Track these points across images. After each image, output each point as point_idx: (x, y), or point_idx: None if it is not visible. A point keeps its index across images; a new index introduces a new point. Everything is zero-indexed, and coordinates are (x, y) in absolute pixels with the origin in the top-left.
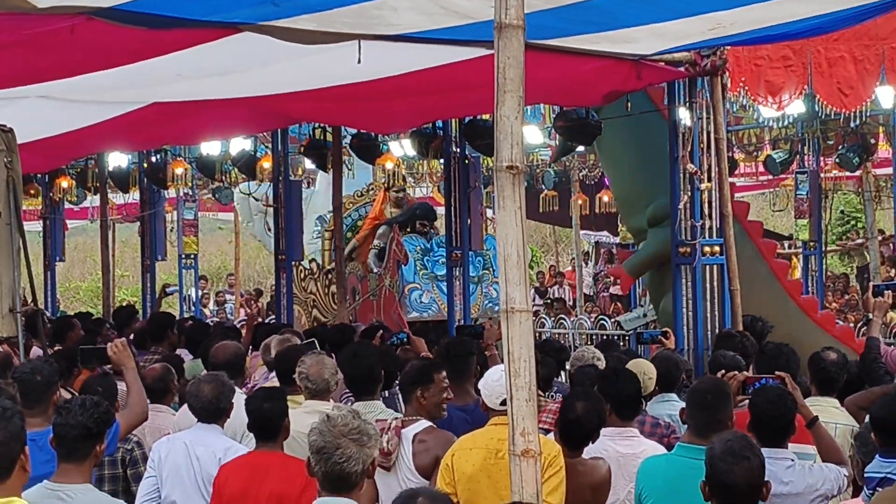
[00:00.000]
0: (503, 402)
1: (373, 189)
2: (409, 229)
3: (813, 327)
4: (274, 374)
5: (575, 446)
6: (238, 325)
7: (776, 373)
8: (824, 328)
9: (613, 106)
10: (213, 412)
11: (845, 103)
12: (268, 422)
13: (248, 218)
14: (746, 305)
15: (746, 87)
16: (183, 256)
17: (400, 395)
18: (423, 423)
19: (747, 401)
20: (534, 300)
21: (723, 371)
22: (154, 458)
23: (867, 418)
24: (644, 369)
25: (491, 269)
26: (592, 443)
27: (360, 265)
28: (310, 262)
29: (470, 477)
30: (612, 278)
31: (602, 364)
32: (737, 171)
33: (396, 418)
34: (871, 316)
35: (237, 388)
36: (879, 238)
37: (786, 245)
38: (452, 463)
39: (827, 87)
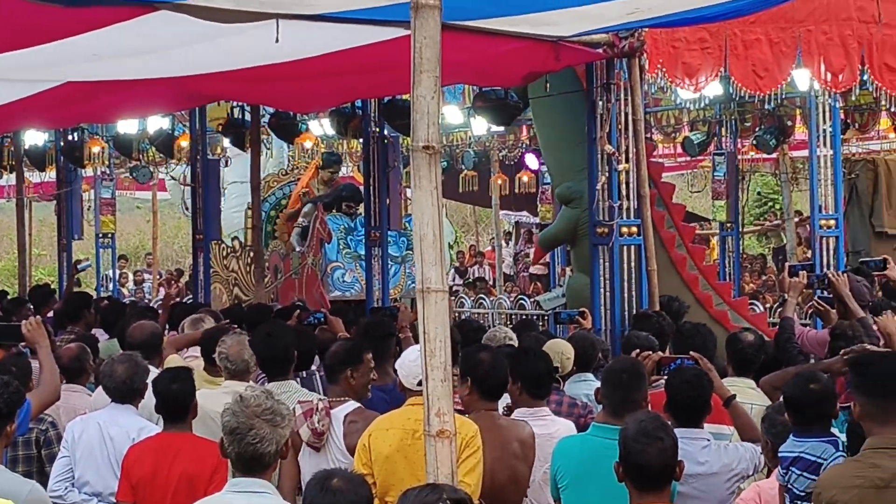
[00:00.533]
0: (420, 383)
1: (297, 168)
2: (334, 209)
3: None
4: (188, 352)
5: (493, 396)
6: (156, 305)
7: (690, 353)
8: (721, 321)
9: (553, 83)
10: (126, 392)
11: (760, 85)
12: (176, 403)
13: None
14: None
15: (664, 69)
16: (100, 235)
17: (318, 376)
18: (353, 404)
19: (662, 381)
20: (454, 280)
21: (637, 351)
22: (68, 439)
23: (780, 398)
24: (561, 349)
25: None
26: (506, 392)
27: (283, 243)
28: (232, 239)
29: (387, 457)
30: (531, 258)
31: (515, 343)
32: (655, 153)
33: (322, 399)
34: (786, 296)
35: (153, 368)
36: (796, 219)
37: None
38: (369, 443)
39: (742, 70)
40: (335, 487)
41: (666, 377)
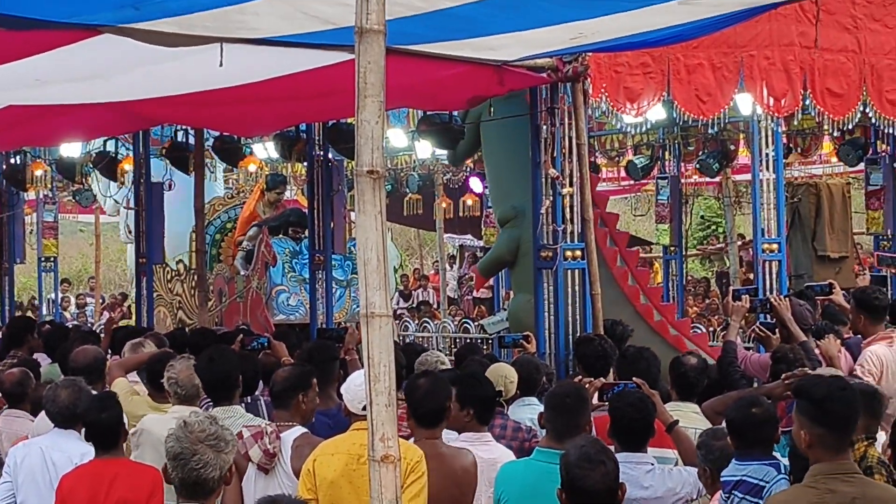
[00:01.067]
0: (365, 407)
1: (242, 192)
2: (280, 233)
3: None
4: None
5: (429, 423)
6: (98, 329)
7: (633, 379)
8: (676, 345)
9: (499, 106)
10: (69, 417)
11: (703, 110)
12: (107, 430)
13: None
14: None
15: (607, 94)
16: (42, 259)
17: (262, 401)
18: (300, 429)
19: (606, 406)
20: (398, 304)
21: (580, 377)
22: (10, 464)
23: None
24: (505, 373)
25: None
26: (447, 420)
27: (228, 267)
28: (177, 262)
29: (331, 482)
30: (475, 282)
31: (448, 367)
32: (599, 176)
33: (269, 424)
34: (729, 320)
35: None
36: (739, 243)
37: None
38: (314, 468)
39: (685, 94)
40: None
41: (607, 402)
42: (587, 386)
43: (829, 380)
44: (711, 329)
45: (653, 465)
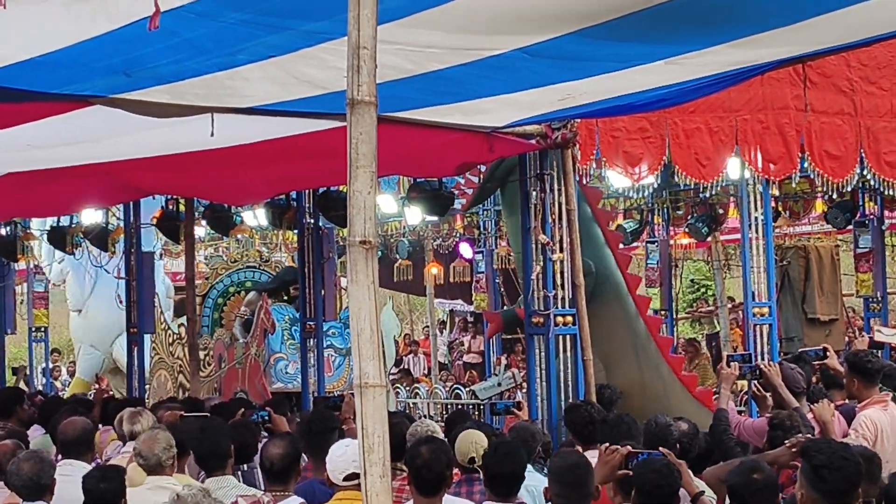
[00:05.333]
0: (346, 478)
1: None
2: (282, 296)
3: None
4: (123, 449)
5: (430, 492)
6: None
7: (659, 448)
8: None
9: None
10: (34, 489)
11: (703, 174)
12: (105, 501)
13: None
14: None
15: (605, 159)
16: (33, 329)
17: (258, 470)
18: (297, 499)
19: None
20: (389, 370)
21: (606, 445)
22: None
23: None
24: (474, 439)
25: None
26: (447, 487)
27: (229, 332)
28: (178, 326)
29: None
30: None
31: (440, 436)
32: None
33: (265, 493)
34: (720, 388)
35: (85, 465)
36: (729, 305)
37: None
38: None
39: (685, 158)
40: None
41: (631, 471)
42: (613, 454)
43: (833, 447)
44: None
45: None
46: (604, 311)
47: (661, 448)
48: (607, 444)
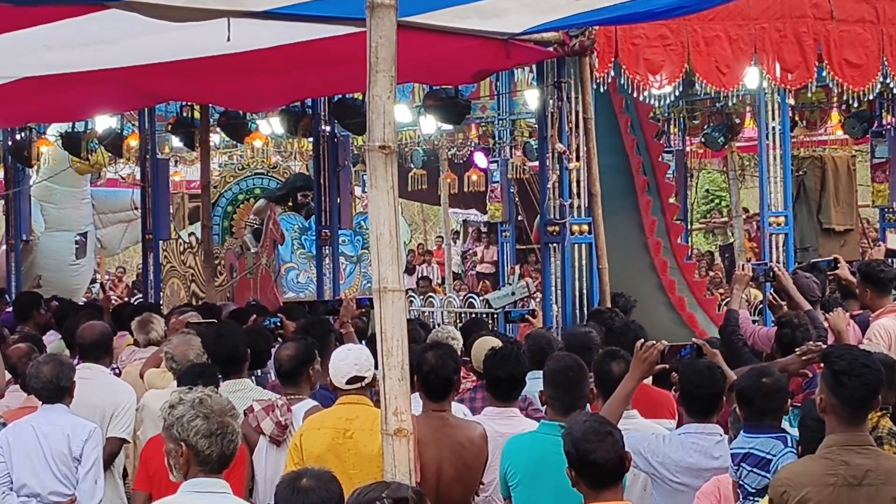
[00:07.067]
0: (349, 381)
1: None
2: (289, 203)
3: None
4: (136, 357)
5: (438, 396)
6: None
7: (693, 340)
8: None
9: None
10: (54, 392)
11: (724, 82)
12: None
13: None
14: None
15: (624, 66)
16: None
17: (272, 375)
18: (310, 402)
19: (663, 370)
20: None
21: (641, 340)
22: (2, 444)
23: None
24: (491, 345)
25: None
26: (456, 392)
27: (239, 241)
28: (189, 235)
29: (318, 456)
30: (478, 256)
31: (459, 343)
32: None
33: (279, 397)
34: (733, 289)
35: (104, 368)
36: (743, 216)
37: None
38: (301, 443)
39: (706, 66)
40: (305, 487)
41: (666, 365)
42: (650, 350)
43: (855, 353)
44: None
45: (722, 435)
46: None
47: (694, 339)
48: (642, 341)
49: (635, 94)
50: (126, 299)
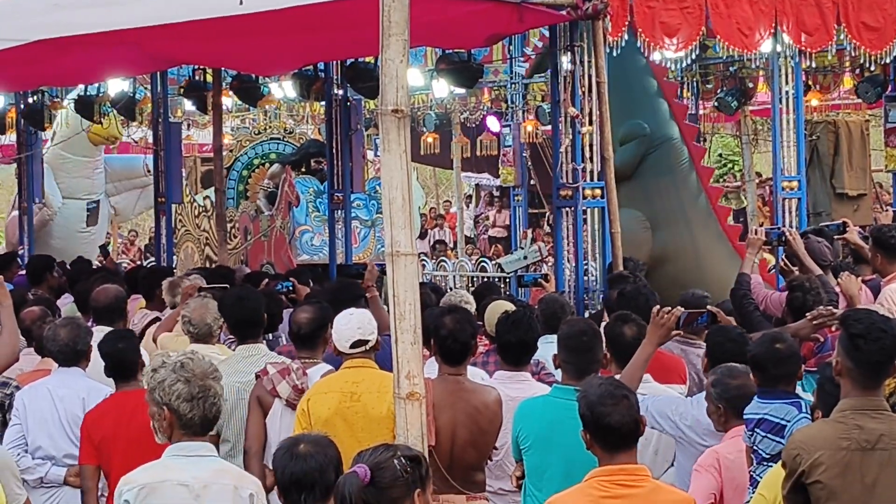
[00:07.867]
0: (353, 345)
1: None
2: (303, 168)
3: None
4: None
5: (455, 361)
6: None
7: (708, 307)
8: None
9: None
10: (71, 355)
11: (746, 44)
12: (124, 361)
13: None
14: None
15: (640, 29)
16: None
17: (284, 338)
18: (325, 366)
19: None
20: None
21: (658, 307)
22: (18, 407)
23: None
24: (504, 309)
25: None
26: (473, 356)
27: (254, 204)
28: (203, 198)
29: (326, 421)
30: (490, 221)
31: (472, 307)
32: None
33: (294, 361)
34: (746, 253)
35: None
36: (756, 181)
37: None
38: (308, 407)
39: (727, 28)
40: (303, 452)
41: (706, 334)
42: (668, 316)
43: (873, 317)
44: None
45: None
46: (656, 174)
47: (709, 307)
48: (659, 307)
49: (649, 57)
50: (139, 262)
